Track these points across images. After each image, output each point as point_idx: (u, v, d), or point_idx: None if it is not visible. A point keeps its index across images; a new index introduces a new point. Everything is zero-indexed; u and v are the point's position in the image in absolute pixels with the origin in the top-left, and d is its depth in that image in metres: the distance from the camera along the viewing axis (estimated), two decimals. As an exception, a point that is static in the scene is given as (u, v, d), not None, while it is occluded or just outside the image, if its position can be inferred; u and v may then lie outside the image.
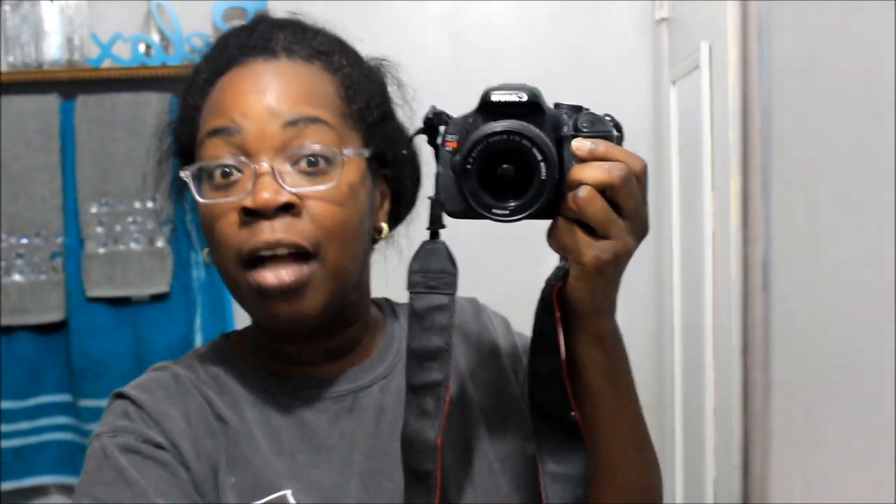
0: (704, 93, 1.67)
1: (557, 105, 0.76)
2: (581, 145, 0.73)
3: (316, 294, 0.83)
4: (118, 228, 2.33)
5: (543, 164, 0.71)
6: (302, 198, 0.82)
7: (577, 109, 0.76)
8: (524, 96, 0.72)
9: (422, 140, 0.80)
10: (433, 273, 0.78)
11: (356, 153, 0.85)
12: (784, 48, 1.28)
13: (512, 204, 0.72)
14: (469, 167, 0.72)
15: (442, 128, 0.77)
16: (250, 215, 0.81)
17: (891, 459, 0.89)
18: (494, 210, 0.73)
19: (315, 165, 0.82)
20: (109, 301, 2.32)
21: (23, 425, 2.34)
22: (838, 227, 1.06)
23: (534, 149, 0.71)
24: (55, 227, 2.33)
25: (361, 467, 0.86)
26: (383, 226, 0.92)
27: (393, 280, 0.97)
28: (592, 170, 0.71)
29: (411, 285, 0.78)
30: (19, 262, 2.33)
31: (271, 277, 0.81)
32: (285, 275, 0.81)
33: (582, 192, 0.71)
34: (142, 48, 2.38)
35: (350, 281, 0.87)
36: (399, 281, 0.83)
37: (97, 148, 2.31)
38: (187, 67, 0.93)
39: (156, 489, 0.80)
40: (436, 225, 0.78)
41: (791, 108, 1.25)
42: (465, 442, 0.89)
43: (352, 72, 0.89)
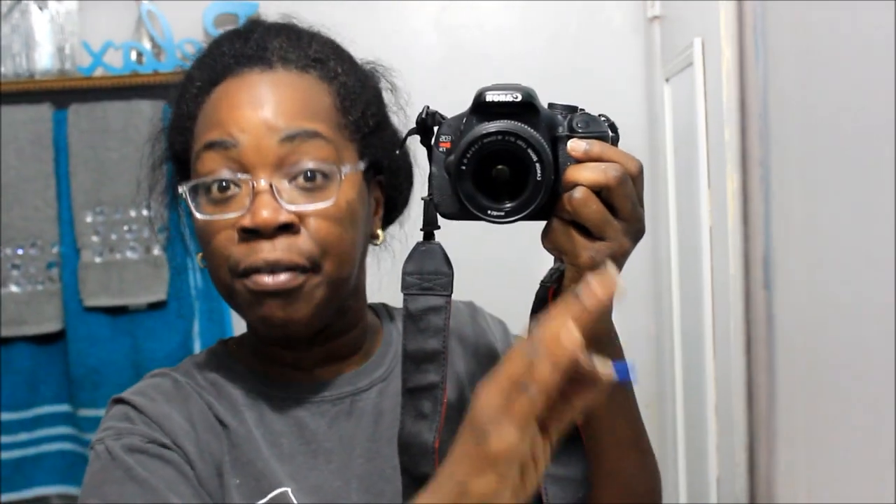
0: (699, 90, 1.67)
1: (552, 105, 0.75)
2: (576, 146, 0.72)
3: (311, 300, 0.82)
4: (114, 237, 2.32)
5: (538, 165, 0.71)
6: (301, 216, 0.81)
7: (572, 109, 0.75)
8: (518, 96, 0.72)
9: (413, 139, 0.80)
10: (428, 274, 0.77)
11: (353, 169, 0.85)
12: (780, 42, 1.28)
13: (507, 205, 0.72)
14: (464, 168, 0.71)
15: (435, 128, 0.76)
16: (249, 233, 0.81)
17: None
18: (489, 211, 0.72)
19: (312, 181, 0.82)
20: (107, 310, 2.30)
21: (22, 436, 2.33)
22: (839, 222, 1.05)
23: (529, 150, 0.70)
24: (50, 237, 2.31)
25: (361, 470, 0.86)
26: (379, 233, 0.92)
27: (387, 282, 0.97)
28: (588, 171, 0.71)
29: (405, 287, 0.78)
30: (15, 273, 2.32)
31: (268, 279, 0.81)
32: (282, 277, 0.81)
33: (577, 194, 0.71)
34: (133, 56, 2.37)
35: (346, 288, 0.86)
36: (393, 283, 0.82)
37: (91, 157, 2.30)
38: (179, 74, 0.93)
39: (168, 487, 0.79)
40: (430, 226, 0.78)
41: (788, 103, 1.25)
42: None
43: (347, 80, 0.89)
